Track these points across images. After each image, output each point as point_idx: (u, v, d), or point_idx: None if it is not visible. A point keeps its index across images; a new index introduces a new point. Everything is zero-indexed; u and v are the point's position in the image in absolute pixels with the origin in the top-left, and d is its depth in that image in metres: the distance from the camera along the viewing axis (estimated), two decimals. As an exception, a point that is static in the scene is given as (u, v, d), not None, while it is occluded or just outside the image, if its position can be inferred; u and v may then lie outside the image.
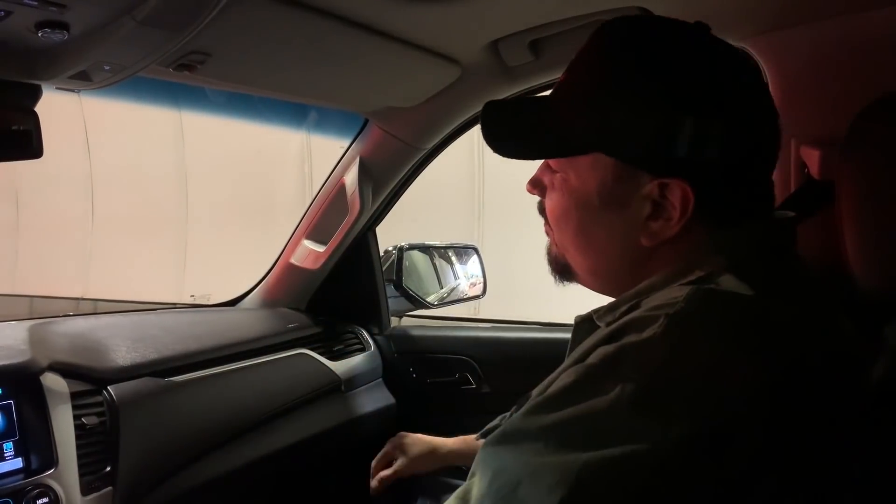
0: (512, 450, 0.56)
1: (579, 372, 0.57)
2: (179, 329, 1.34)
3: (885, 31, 0.91)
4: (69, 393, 1.03)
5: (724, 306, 0.58)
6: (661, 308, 0.58)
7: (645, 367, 0.54)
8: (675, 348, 0.54)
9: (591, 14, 1.02)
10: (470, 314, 4.60)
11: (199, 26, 0.79)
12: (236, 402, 1.28)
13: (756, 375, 0.54)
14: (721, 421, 0.52)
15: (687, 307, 0.56)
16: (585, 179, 0.67)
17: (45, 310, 6.43)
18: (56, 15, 0.70)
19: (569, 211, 0.70)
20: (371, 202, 1.54)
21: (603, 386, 0.54)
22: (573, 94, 0.68)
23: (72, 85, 0.89)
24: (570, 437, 0.53)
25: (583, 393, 0.55)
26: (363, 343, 1.70)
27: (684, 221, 0.63)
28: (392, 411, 1.67)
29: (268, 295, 1.72)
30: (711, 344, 0.55)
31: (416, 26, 1.02)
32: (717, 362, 0.54)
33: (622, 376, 0.54)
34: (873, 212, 0.64)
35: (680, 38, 0.65)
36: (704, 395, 0.52)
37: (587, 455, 0.51)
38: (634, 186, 0.64)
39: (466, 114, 1.39)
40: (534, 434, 0.55)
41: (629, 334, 0.57)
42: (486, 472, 0.56)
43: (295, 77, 1.14)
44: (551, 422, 0.55)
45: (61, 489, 0.95)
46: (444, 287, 1.87)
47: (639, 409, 0.52)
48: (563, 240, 0.73)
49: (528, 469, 0.53)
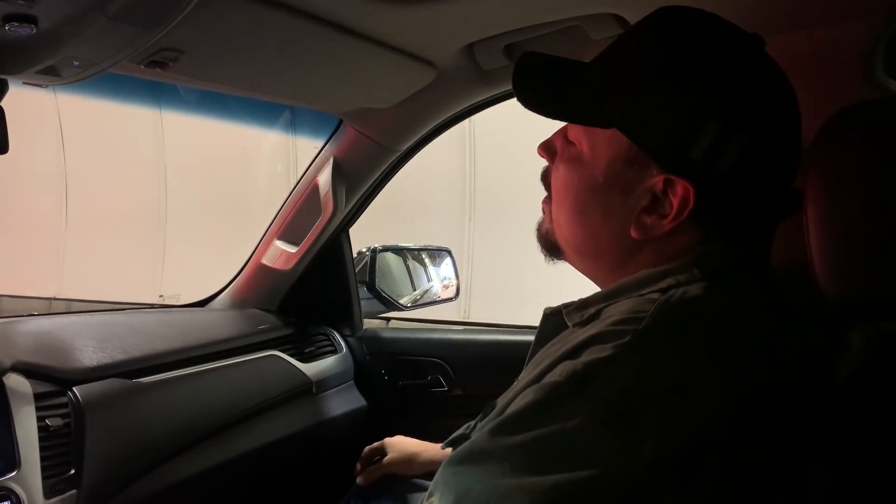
0: (476, 470, 0.55)
1: (546, 389, 0.56)
2: (147, 329, 1.32)
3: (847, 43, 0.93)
4: (33, 394, 1.01)
5: (691, 321, 0.58)
6: (627, 323, 0.57)
7: (613, 386, 0.54)
8: (642, 366, 0.54)
9: (565, 20, 1.03)
10: (460, 317, 4.60)
11: (171, 23, 0.78)
12: (205, 404, 1.26)
13: (724, 390, 0.54)
14: (692, 437, 0.52)
15: (653, 322, 0.57)
16: (598, 155, 0.67)
17: (15, 309, 6.28)
18: (24, 8, 0.69)
19: (573, 183, 0.69)
20: (345, 203, 1.54)
21: (570, 405, 0.54)
22: (614, 66, 0.67)
23: (39, 80, 0.87)
24: (538, 458, 0.53)
25: (550, 412, 0.54)
26: (335, 345, 1.69)
27: (676, 223, 0.63)
28: (363, 413, 1.66)
29: (238, 295, 1.70)
30: (678, 361, 0.55)
31: (392, 28, 1.02)
32: (684, 379, 0.54)
33: (590, 395, 0.54)
34: (838, 219, 0.65)
35: (734, 43, 0.65)
36: (674, 413, 0.52)
37: (557, 477, 0.51)
38: (641, 175, 0.64)
39: (441, 116, 1.40)
40: (499, 455, 0.54)
41: (594, 350, 0.56)
42: (449, 494, 0.55)
43: (269, 76, 1.13)
44: (518, 442, 0.54)
45: (23, 492, 0.93)
46: (417, 289, 1.87)
47: (608, 428, 0.52)
48: (559, 213, 0.72)
49: (497, 493, 0.52)
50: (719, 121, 0.60)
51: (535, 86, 0.71)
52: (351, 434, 1.63)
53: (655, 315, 0.57)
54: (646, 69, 0.64)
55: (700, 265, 0.62)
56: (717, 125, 0.60)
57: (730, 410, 0.54)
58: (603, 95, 0.66)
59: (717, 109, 0.61)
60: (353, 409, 1.64)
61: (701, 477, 0.52)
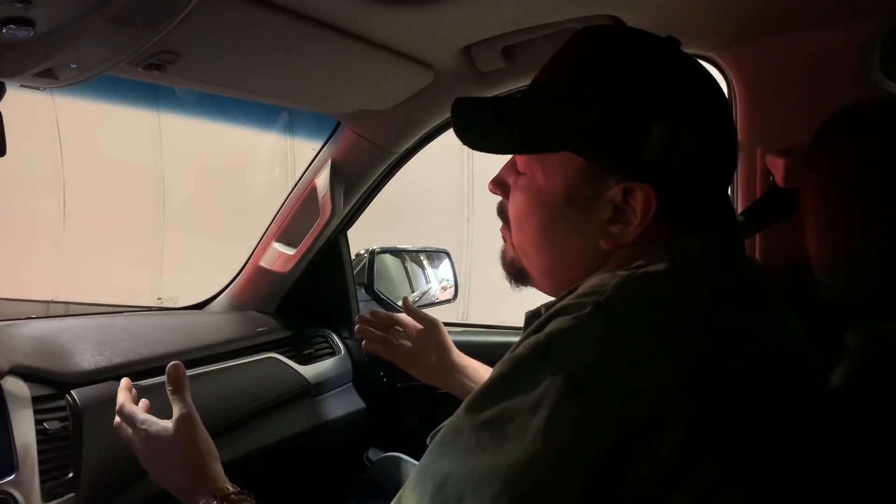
0: (451, 452, 0.56)
1: (511, 363, 0.57)
2: (146, 332, 1.32)
3: (847, 44, 0.94)
4: (31, 397, 1.01)
5: (648, 295, 0.58)
6: (589, 295, 0.58)
7: (573, 356, 0.54)
8: (600, 336, 0.55)
9: (562, 21, 1.03)
10: (459, 318, 4.60)
11: (169, 25, 0.78)
12: (204, 407, 1.25)
13: (684, 364, 0.55)
14: (649, 407, 0.52)
15: (613, 295, 0.57)
16: (553, 179, 0.68)
17: (12, 312, 6.25)
18: (21, 11, 0.69)
19: (532, 210, 0.71)
20: (343, 205, 1.54)
21: (534, 376, 0.55)
22: (548, 94, 0.69)
23: (37, 83, 0.87)
24: (505, 433, 0.53)
25: (515, 385, 0.55)
26: (333, 347, 1.69)
27: (644, 227, 0.64)
28: (362, 416, 1.66)
29: (237, 298, 1.70)
30: (634, 332, 0.56)
31: (390, 30, 1.02)
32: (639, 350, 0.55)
33: (552, 365, 0.54)
34: (836, 219, 0.65)
35: (654, 49, 0.68)
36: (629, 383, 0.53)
37: (524, 453, 0.51)
38: (600, 188, 0.66)
39: (439, 118, 1.40)
40: (468, 432, 0.55)
41: (557, 322, 0.57)
42: (429, 482, 0.55)
43: (267, 78, 1.13)
44: (486, 418, 0.55)
45: (21, 496, 0.93)
46: (415, 291, 1.87)
47: (570, 398, 0.52)
48: (523, 241, 0.73)
49: (471, 479, 0.52)
50: (662, 119, 0.63)
51: (479, 129, 0.74)
52: (349, 436, 1.63)
53: (616, 288, 0.58)
54: (583, 89, 0.67)
55: (668, 249, 0.63)
56: (662, 124, 0.62)
57: (684, 385, 0.54)
58: (547, 122, 0.68)
59: (658, 109, 0.63)
60: (352, 411, 1.63)
61: (660, 450, 0.52)
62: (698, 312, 0.58)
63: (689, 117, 0.64)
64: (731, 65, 1.06)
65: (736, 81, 1.05)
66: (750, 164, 1.02)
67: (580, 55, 0.69)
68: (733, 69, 1.06)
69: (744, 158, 1.03)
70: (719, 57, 1.07)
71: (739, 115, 1.05)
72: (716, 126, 0.66)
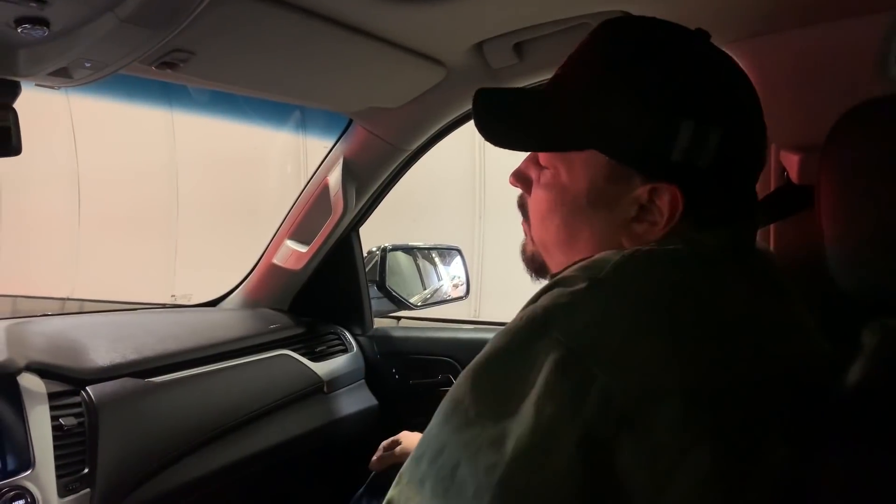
0: (449, 421, 0.56)
1: (508, 336, 0.57)
2: (159, 329, 1.33)
3: (864, 38, 0.93)
4: (47, 393, 1.02)
5: (651, 272, 0.58)
6: (588, 270, 0.58)
7: (569, 330, 0.54)
8: (596, 311, 0.55)
9: (574, 17, 1.03)
10: (471, 316, 4.59)
11: (182, 24, 0.78)
12: (217, 404, 1.27)
13: (678, 343, 0.54)
14: (641, 382, 0.52)
15: (613, 271, 0.57)
16: (577, 177, 0.66)
17: (29, 310, 6.31)
18: (36, 11, 0.69)
19: (554, 209, 0.69)
20: (355, 203, 1.54)
21: (529, 350, 0.54)
22: (573, 89, 0.67)
23: (52, 82, 0.88)
24: (500, 405, 0.53)
25: (510, 358, 0.56)
26: (345, 344, 1.69)
27: (670, 227, 0.63)
28: (374, 413, 1.66)
29: (249, 295, 1.71)
30: (632, 309, 0.55)
31: (401, 27, 1.02)
32: (636, 327, 0.54)
33: (546, 340, 0.54)
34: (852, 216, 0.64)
35: (683, 42, 0.65)
36: (624, 359, 0.53)
37: (517, 425, 0.52)
38: (625, 188, 0.64)
39: (451, 115, 1.40)
40: (468, 403, 0.55)
41: (555, 294, 0.57)
42: (428, 448, 0.56)
43: (279, 77, 1.14)
44: (483, 389, 0.55)
45: (38, 491, 0.94)
46: (427, 288, 1.87)
47: (563, 371, 0.52)
48: (544, 237, 0.72)
49: (467, 449, 0.53)
50: (692, 118, 0.61)
51: (501, 124, 0.71)
52: (362, 433, 1.63)
53: (616, 265, 0.57)
54: (609, 85, 0.64)
55: (680, 237, 0.63)
56: (691, 123, 0.60)
57: (677, 362, 0.53)
58: (571, 120, 0.66)
59: (688, 108, 0.61)
60: (364, 408, 1.64)
61: (653, 427, 0.51)
62: (697, 294, 0.58)
63: (719, 116, 0.62)
64: (747, 58, 1.05)
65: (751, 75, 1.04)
66: (764, 160, 1.02)
67: (604, 48, 0.66)
68: (748, 63, 1.04)
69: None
70: (733, 52, 1.05)
71: (754, 110, 1.04)
72: (745, 124, 0.64)
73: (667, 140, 0.61)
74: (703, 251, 0.62)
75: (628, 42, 0.66)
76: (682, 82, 0.62)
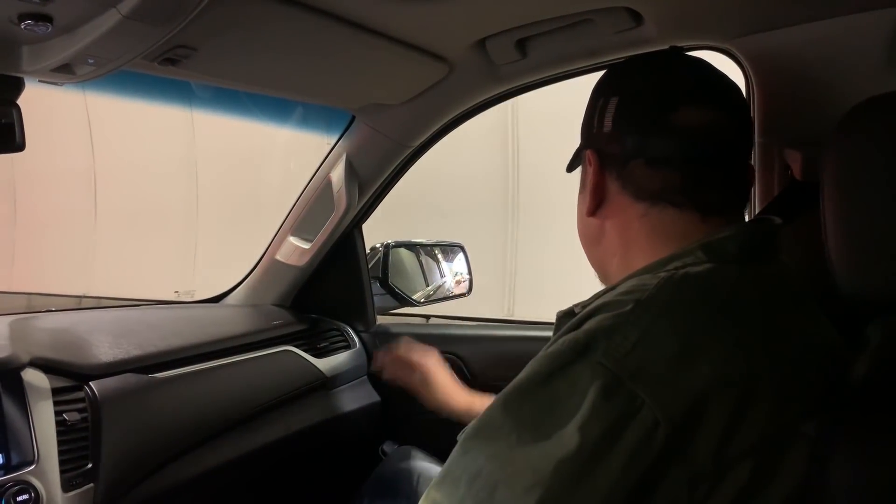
0: (487, 445, 0.56)
1: (549, 360, 0.57)
2: (162, 325, 1.33)
3: (868, 34, 0.92)
4: (50, 389, 1.02)
5: (690, 295, 0.59)
6: (631, 293, 0.59)
7: (612, 354, 0.54)
8: (640, 335, 0.55)
9: (578, 13, 1.02)
10: (504, 315, 4.55)
11: (185, 20, 0.78)
12: (220, 399, 1.27)
13: (722, 363, 0.55)
14: (687, 406, 0.52)
15: (656, 293, 0.58)
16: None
17: (44, 306, 6.26)
18: (39, 7, 0.69)
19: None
20: (357, 199, 1.54)
21: (572, 374, 0.55)
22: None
23: (55, 78, 0.88)
24: (541, 429, 0.53)
25: (552, 382, 0.56)
26: (348, 340, 1.69)
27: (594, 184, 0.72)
28: (377, 409, 1.66)
29: (252, 291, 1.71)
30: (678, 331, 0.56)
31: (404, 23, 1.02)
32: (679, 349, 0.55)
33: (590, 363, 0.54)
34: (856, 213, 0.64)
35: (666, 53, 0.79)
36: (669, 382, 0.53)
37: (559, 448, 0.52)
38: (585, 166, 0.76)
39: (453, 112, 1.39)
40: (508, 428, 0.55)
41: (597, 320, 0.58)
42: (462, 474, 0.56)
43: (281, 73, 1.14)
44: (523, 414, 0.55)
45: (42, 486, 0.94)
46: (430, 285, 1.87)
47: (608, 395, 0.52)
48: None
49: (505, 471, 0.53)
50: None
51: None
52: (364, 429, 1.63)
53: (659, 288, 0.59)
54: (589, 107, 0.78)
55: (704, 249, 0.64)
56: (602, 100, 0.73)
57: (722, 384, 0.54)
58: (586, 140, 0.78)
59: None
60: (367, 404, 1.64)
61: (699, 443, 0.52)
62: (737, 313, 0.59)
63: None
64: (750, 56, 1.05)
65: (754, 73, 1.04)
66: (768, 157, 1.01)
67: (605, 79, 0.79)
68: (751, 60, 1.04)
69: (761, 151, 1.02)
70: (736, 49, 1.05)
71: (757, 107, 1.03)
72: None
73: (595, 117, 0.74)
74: (731, 266, 0.63)
75: (629, 67, 0.81)
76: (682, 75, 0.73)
